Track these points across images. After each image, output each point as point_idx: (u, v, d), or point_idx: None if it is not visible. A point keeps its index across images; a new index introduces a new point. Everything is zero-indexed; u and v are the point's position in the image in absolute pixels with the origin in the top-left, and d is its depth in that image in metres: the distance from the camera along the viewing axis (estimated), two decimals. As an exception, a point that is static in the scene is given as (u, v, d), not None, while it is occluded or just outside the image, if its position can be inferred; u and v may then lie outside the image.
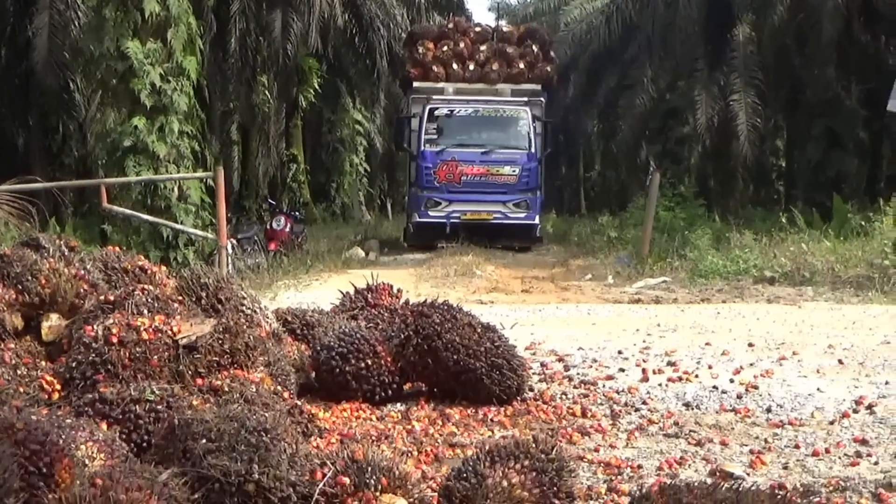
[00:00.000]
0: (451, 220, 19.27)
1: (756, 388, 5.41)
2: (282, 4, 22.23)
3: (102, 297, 4.40)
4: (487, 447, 3.25)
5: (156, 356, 3.88)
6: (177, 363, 3.91)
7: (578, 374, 5.88)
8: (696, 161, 31.29)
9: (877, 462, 4.02)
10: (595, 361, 6.31)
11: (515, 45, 20.92)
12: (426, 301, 5.25)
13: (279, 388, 4.17)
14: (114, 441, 3.26)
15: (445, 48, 20.65)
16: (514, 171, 19.59)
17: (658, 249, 15.46)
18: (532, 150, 19.70)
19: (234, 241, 15.08)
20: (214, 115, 22.75)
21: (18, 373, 3.95)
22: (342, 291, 6.25)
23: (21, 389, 3.76)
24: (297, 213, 21.54)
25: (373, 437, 4.28)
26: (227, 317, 4.24)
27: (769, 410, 4.94)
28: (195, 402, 3.64)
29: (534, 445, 3.18)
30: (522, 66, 20.45)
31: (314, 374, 5.14)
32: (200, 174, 15.05)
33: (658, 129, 31.13)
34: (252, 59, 23.67)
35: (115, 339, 3.87)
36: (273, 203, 22.49)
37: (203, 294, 4.67)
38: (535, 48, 20.83)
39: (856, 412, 4.88)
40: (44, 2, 18.38)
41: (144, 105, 14.82)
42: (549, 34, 22.92)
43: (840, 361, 6.28)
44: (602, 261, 15.97)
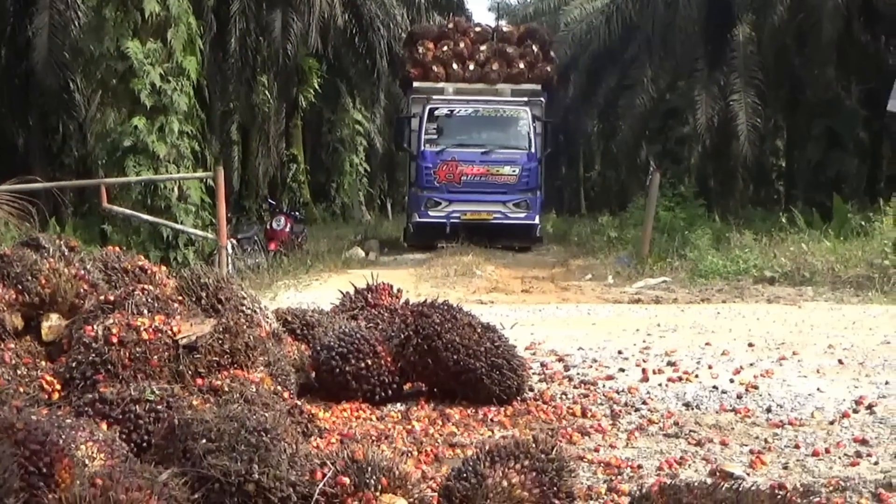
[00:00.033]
0: (451, 220, 19.26)
1: (756, 388, 5.41)
2: (282, 4, 22.23)
3: (102, 297, 4.40)
4: (487, 447, 3.25)
5: (156, 356, 3.88)
6: (177, 363, 3.91)
7: (578, 374, 5.88)
8: (696, 161, 31.29)
9: (877, 462, 4.02)
10: (595, 361, 6.31)
11: (515, 45, 20.92)
12: (426, 301, 5.25)
13: (279, 388, 4.17)
14: (114, 441, 3.26)
15: (445, 48, 20.64)
16: (514, 171, 19.58)
17: (658, 249, 15.46)
18: (532, 150, 19.69)
19: (234, 241, 15.07)
20: (214, 115, 22.75)
21: (18, 373, 3.94)
22: (342, 291, 6.24)
23: (21, 389, 3.76)
24: (297, 213, 21.54)
25: (373, 437, 4.28)
26: (227, 317, 4.23)
27: (769, 410, 4.94)
28: (195, 402, 3.64)
29: (534, 445, 3.18)
30: (522, 66, 20.44)
31: (314, 374, 5.14)
32: (200, 174, 15.05)
33: (658, 129, 31.13)
34: (252, 59, 23.67)
35: (115, 339, 3.87)
36: (273, 203, 22.49)
37: (203, 294, 4.67)
38: (535, 48, 20.83)
39: (856, 412, 4.88)
40: (44, 2, 18.38)
41: (144, 105, 14.83)
42: (549, 34, 22.92)
43: (840, 361, 6.27)
44: (602, 261, 15.97)
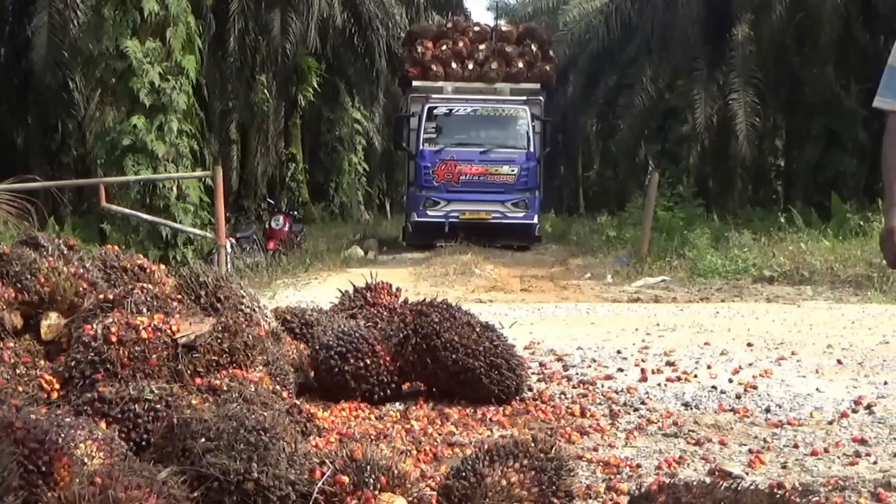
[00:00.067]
0: (450, 220, 19.25)
1: (755, 388, 5.41)
2: (281, 4, 22.24)
3: (101, 296, 4.39)
4: (486, 446, 3.25)
5: (155, 355, 3.87)
6: (176, 362, 3.90)
7: (577, 374, 5.87)
8: (695, 161, 31.29)
9: (875, 461, 4.02)
10: (594, 361, 6.30)
11: (514, 45, 20.92)
12: (425, 300, 5.25)
13: (278, 388, 4.16)
14: (113, 440, 3.26)
15: (444, 47, 20.64)
16: (513, 171, 19.58)
17: (657, 249, 15.48)
18: (531, 150, 19.69)
19: (233, 241, 15.07)
20: (213, 115, 22.76)
21: (17, 371, 3.94)
22: (341, 290, 6.24)
23: (20, 388, 3.75)
24: (296, 213, 21.54)
25: (372, 437, 4.28)
26: (226, 316, 4.23)
27: (768, 410, 4.93)
28: (194, 401, 3.64)
29: (533, 445, 3.18)
30: (521, 66, 20.44)
31: (313, 374, 5.13)
32: (199, 173, 15.05)
33: (657, 129, 31.12)
34: (251, 59, 23.69)
35: (115, 338, 3.87)
36: (272, 202, 22.47)
37: (202, 293, 4.66)
38: (534, 47, 20.83)
39: (855, 412, 4.88)
40: (43, 1, 18.37)
41: (143, 104, 14.83)
42: (548, 33, 22.92)
43: (839, 361, 6.27)
44: (601, 260, 15.98)
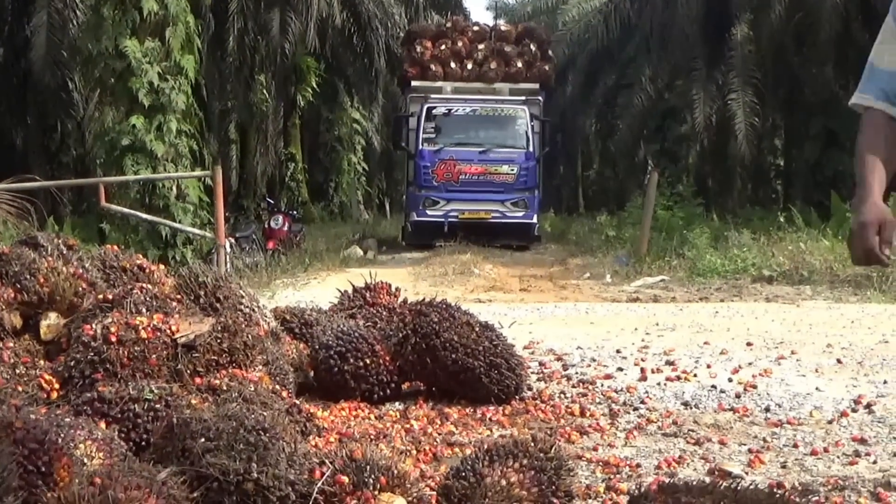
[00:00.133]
0: (449, 219, 19.25)
1: (754, 388, 5.41)
2: (280, 4, 22.24)
3: (101, 296, 4.39)
4: (486, 446, 3.25)
5: (154, 355, 3.87)
6: (175, 362, 3.90)
7: (577, 374, 5.87)
8: (695, 160, 31.32)
9: (875, 461, 4.01)
10: (593, 360, 6.30)
11: (513, 44, 20.92)
12: (424, 300, 5.24)
13: (277, 387, 4.16)
14: (112, 440, 3.25)
15: (443, 47, 20.64)
16: (513, 170, 19.58)
17: (656, 248, 15.48)
18: (530, 149, 19.69)
19: (233, 240, 15.06)
20: (212, 114, 22.77)
21: (17, 371, 3.94)
22: (340, 290, 6.23)
23: (20, 388, 3.75)
24: (296, 212, 21.53)
25: (371, 436, 4.27)
26: (226, 316, 4.23)
27: (768, 410, 4.93)
28: (194, 401, 3.63)
29: (532, 444, 3.18)
30: (520, 65, 20.45)
31: (312, 373, 5.13)
32: (199, 173, 15.06)
33: (656, 129, 31.15)
34: (250, 58, 23.70)
35: (114, 338, 3.86)
36: (271, 202, 22.48)
37: (201, 293, 4.66)
38: (534, 47, 20.84)
39: (854, 411, 4.88)
40: (42, 1, 18.37)
41: (143, 104, 14.83)
42: (548, 33, 22.94)
43: (838, 360, 6.27)
44: (600, 260, 15.98)
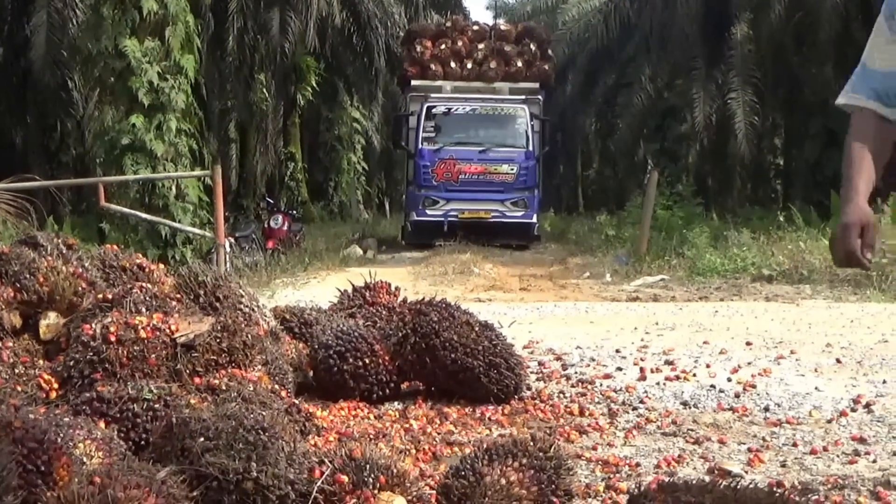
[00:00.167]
0: (449, 219, 19.26)
1: (754, 387, 5.40)
2: (280, 3, 22.25)
3: (100, 296, 4.39)
4: (485, 445, 3.25)
5: (154, 354, 3.87)
6: (175, 362, 3.90)
7: (576, 373, 5.87)
8: (694, 159, 31.33)
9: (875, 460, 4.01)
10: (593, 360, 6.30)
11: (513, 44, 20.93)
12: (424, 299, 5.24)
13: (277, 387, 4.16)
14: (112, 439, 3.26)
15: (443, 46, 20.65)
16: (512, 170, 19.59)
17: (656, 248, 15.48)
18: (530, 149, 19.70)
19: (232, 240, 15.07)
20: (212, 114, 22.78)
21: (16, 371, 3.94)
22: (340, 290, 6.23)
23: (19, 388, 3.75)
24: (295, 212, 21.53)
25: (371, 436, 4.27)
26: (225, 315, 4.23)
27: (767, 409, 4.93)
28: (193, 401, 3.63)
29: (532, 444, 3.18)
30: (520, 65, 20.45)
31: (312, 373, 5.13)
32: (198, 172, 15.06)
33: (656, 128, 31.17)
34: (250, 58, 23.70)
35: (113, 338, 3.86)
36: (271, 201, 22.47)
37: (201, 292, 4.66)
38: (533, 46, 20.84)
39: (854, 410, 4.88)
40: (42, 0, 18.37)
41: (142, 103, 14.84)
42: (547, 33, 22.95)
43: (838, 360, 6.27)
44: (600, 259, 15.98)
